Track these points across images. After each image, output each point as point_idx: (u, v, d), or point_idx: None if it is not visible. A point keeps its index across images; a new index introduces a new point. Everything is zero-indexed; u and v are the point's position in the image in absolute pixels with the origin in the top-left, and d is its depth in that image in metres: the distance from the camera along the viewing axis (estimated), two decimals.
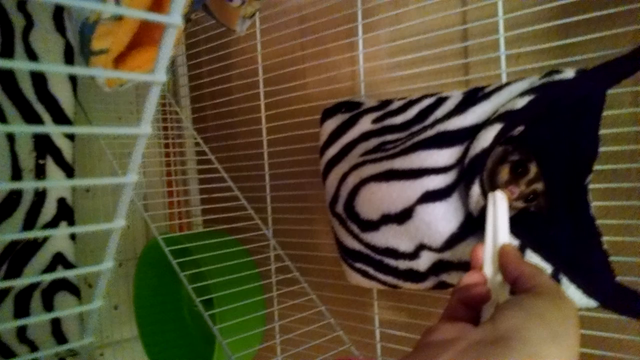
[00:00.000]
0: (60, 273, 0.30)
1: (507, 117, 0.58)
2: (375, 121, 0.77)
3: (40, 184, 0.23)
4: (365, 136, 0.78)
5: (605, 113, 0.58)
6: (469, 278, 0.46)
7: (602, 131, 0.59)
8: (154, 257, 1.06)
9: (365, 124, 0.78)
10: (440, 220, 0.63)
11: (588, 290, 0.57)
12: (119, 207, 0.27)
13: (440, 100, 0.71)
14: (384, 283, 0.76)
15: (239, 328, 0.88)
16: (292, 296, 0.99)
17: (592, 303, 0.58)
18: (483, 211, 0.58)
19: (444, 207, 0.63)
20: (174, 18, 0.24)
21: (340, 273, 0.82)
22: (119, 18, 0.46)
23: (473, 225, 0.61)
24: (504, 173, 0.59)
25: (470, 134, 0.62)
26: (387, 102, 0.79)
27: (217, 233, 1.09)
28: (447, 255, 0.65)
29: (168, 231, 1.26)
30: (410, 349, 0.87)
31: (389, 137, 0.75)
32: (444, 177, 0.63)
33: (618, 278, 0.58)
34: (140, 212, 0.95)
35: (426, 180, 0.64)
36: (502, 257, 0.46)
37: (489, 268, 0.47)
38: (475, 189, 0.59)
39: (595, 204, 0.61)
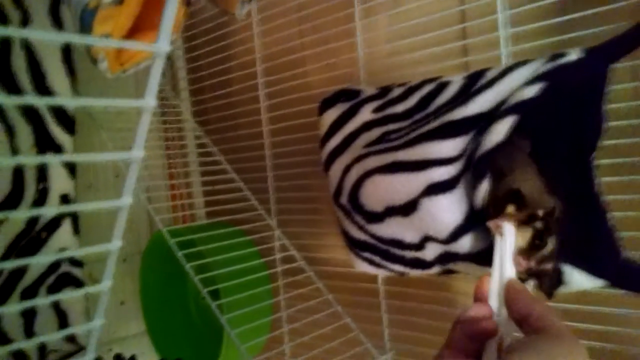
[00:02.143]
0: (69, 253, 0.29)
1: (520, 108, 0.57)
2: (376, 110, 0.77)
3: (43, 159, 0.23)
4: (367, 126, 0.77)
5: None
6: (475, 311, 0.45)
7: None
8: (159, 250, 1.06)
9: (366, 114, 0.77)
10: (445, 212, 0.63)
11: (594, 271, 0.57)
12: (126, 184, 0.27)
13: (441, 86, 0.70)
14: (391, 270, 0.76)
15: (246, 318, 0.88)
16: (298, 285, 0.99)
17: (599, 283, 0.57)
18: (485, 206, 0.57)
19: (448, 199, 0.62)
20: None
21: (345, 261, 0.82)
22: (119, 2, 0.46)
23: (477, 217, 0.60)
24: (527, 234, 0.54)
25: (474, 123, 0.62)
26: (387, 90, 0.78)
27: (220, 224, 1.09)
28: (452, 246, 0.64)
29: (171, 224, 1.26)
30: (418, 335, 0.88)
31: (391, 127, 0.74)
32: (449, 169, 0.63)
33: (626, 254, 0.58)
34: (144, 205, 0.95)
35: (431, 171, 0.64)
36: (510, 294, 0.45)
37: (494, 301, 0.46)
38: (484, 185, 0.58)
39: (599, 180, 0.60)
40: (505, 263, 0.49)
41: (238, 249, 0.97)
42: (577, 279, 0.57)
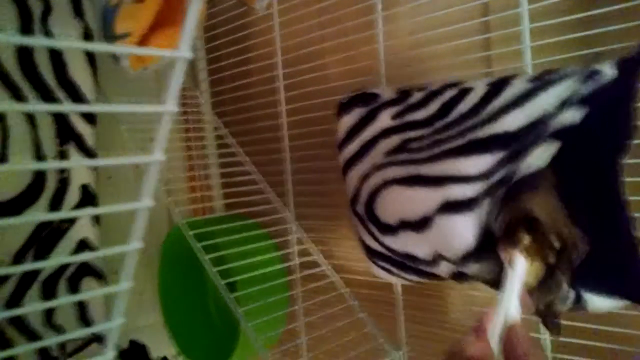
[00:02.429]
0: (88, 255, 0.29)
1: (562, 134, 0.55)
2: (395, 117, 0.74)
3: (66, 165, 0.23)
4: (386, 133, 0.74)
5: None
6: (475, 348, 0.43)
7: None
8: (178, 242, 1.07)
9: (384, 120, 0.75)
10: (457, 236, 0.61)
11: (618, 293, 0.55)
12: (145, 186, 0.27)
13: (463, 92, 0.67)
14: (409, 280, 0.76)
15: (262, 311, 0.88)
16: (314, 279, 0.99)
17: (620, 303, 0.56)
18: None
19: (463, 220, 0.60)
20: None
21: (361, 257, 0.81)
22: (141, 0, 0.46)
23: (490, 246, 0.58)
24: (538, 271, 0.52)
25: (501, 143, 0.59)
26: (406, 94, 0.75)
27: (238, 217, 1.09)
28: (464, 268, 0.63)
29: (190, 215, 1.27)
30: (433, 331, 0.87)
31: (411, 134, 0.71)
32: (469, 187, 0.60)
33: None
34: (163, 197, 0.95)
35: (449, 188, 0.61)
36: (510, 339, 0.44)
37: (495, 338, 0.45)
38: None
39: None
40: (512, 301, 0.48)
41: (255, 241, 0.98)
42: (597, 303, 0.55)
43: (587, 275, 0.54)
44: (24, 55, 0.84)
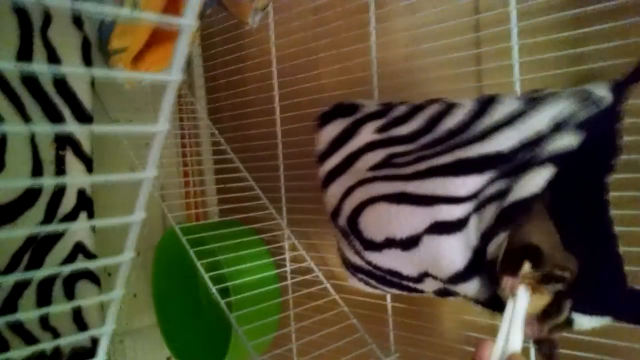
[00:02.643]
0: (82, 264, 0.31)
1: (559, 159, 0.55)
2: (379, 130, 0.73)
3: (60, 180, 0.24)
4: (370, 147, 0.73)
5: None
6: None
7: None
8: (172, 246, 1.08)
9: (368, 134, 0.74)
10: (446, 256, 0.60)
11: (600, 311, 0.55)
12: (138, 200, 0.29)
13: (449, 108, 0.66)
14: (388, 292, 0.75)
15: (254, 316, 0.89)
16: (307, 285, 1.00)
17: (605, 320, 0.56)
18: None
19: (452, 241, 0.60)
20: (188, 20, 0.25)
21: None
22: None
23: (479, 266, 0.59)
24: (543, 300, 0.51)
25: (492, 163, 0.59)
26: (390, 107, 0.74)
27: (232, 222, 1.11)
28: (452, 287, 0.63)
29: (184, 221, 1.28)
30: (424, 338, 0.89)
31: (396, 149, 0.70)
32: (458, 208, 0.60)
33: (631, 268, 0.57)
34: (158, 202, 0.97)
35: (438, 208, 0.61)
36: None
37: None
38: (503, 236, 0.56)
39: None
40: (514, 331, 0.47)
41: (248, 247, 0.99)
42: (584, 322, 0.56)
43: (575, 295, 0.54)
44: (23, 60, 0.85)
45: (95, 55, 0.92)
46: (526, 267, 0.51)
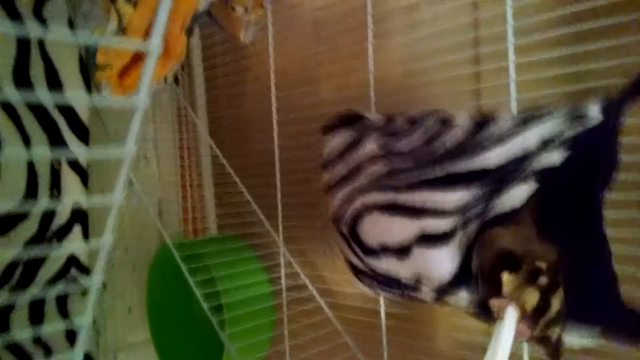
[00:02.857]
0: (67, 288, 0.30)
1: (541, 175, 0.55)
2: (379, 143, 0.75)
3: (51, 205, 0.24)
4: (372, 159, 0.75)
5: None
6: None
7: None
8: (167, 261, 1.08)
9: (370, 147, 0.75)
10: (433, 268, 0.61)
11: (591, 320, 0.55)
12: (117, 182, 0.28)
13: (447, 125, 0.68)
14: (393, 298, 0.76)
15: (248, 334, 0.88)
16: (302, 302, 0.99)
17: (594, 340, 0.56)
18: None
19: (439, 253, 0.61)
20: (153, 45, 0.24)
21: (348, 281, 0.82)
22: (122, 32, 0.47)
23: (466, 278, 0.59)
24: (532, 297, 0.51)
25: (478, 178, 0.60)
26: (391, 120, 0.76)
27: (229, 238, 1.10)
28: (443, 297, 0.63)
29: (182, 236, 1.28)
30: (417, 357, 0.87)
31: (396, 163, 0.72)
32: (444, 222, 0.61)
33: (626, 288, 0.56)
34: (153, 218, 0.96)
35: (425, 221, 0.62)
36: None
37: None
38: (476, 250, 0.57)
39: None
40: (499, 350, 0.47)
41: (244, 264, 0.98)
42: (572, 341, 0.55)
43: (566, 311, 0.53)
44: (21, 74, 0.85)
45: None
46: (505, 277, 0.51)
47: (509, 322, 0.49)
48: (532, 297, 0.50)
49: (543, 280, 0.50)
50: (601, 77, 0.68)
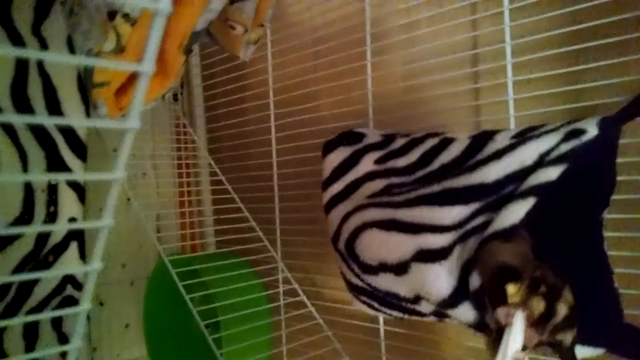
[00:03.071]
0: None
1: (540, 191, 0.55)
2: (378, 161, 0.76)
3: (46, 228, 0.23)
4: (370, 176, 0.76)
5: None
6: None
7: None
8: (164, 276, 1.07)
9: (368, 164, 0.77)
10: (432, 284, 0.61)
11: (594, 340, 0.55)
12: (107, 204, 0.27)
13: (445, 143, 0.69)
14: (389, 315, 0.76)
15: (245, 352, 0.87)
16: (300, 319, 0.98)
17: (598, 351, 0.55)
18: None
19: (437, 269, 0.61)
20: (146, 66, 0.24)
21: (347, 298, 0.81)
22: (120, 51, 0.47)
23: (466, 292, 0.59)
24: (538, 304, 0.51)
25: (476, 194, 0.60)
26: (390, 139, 0.77)
27: (226, 254, 1.09)
28: (442, 310, 0.63)
29: (180, 251, 1.27)
30: None
31: (394, 180, 0.73)
32: (442, 237, 0.61)
33: (629, 311, 0.56)
34: (150, 235, 0.96)
35: (423, 237, 0.62)
36: None
37: None
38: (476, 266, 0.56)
39: (607, 235, 0.58)
40: (510, 357, 0.47)
41: (241, 280, 0.97)
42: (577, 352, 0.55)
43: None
44: (18, 90, 0.85)
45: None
46: (511, 287, 0.51)
47: (518, 328, 0.49)
48: (538, 304, 0.50)
49: (544, 288, 0.50)
50: (599, 94, 0.69)
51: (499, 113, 0.77)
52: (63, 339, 0.91)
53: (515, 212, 0.56)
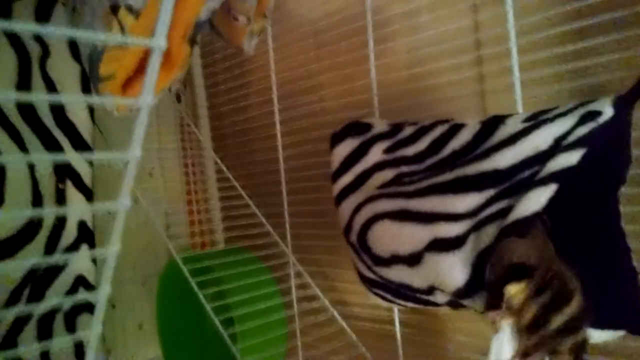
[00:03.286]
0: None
1: (560, 176, 0.54)
2: (387, 151, 0.75)
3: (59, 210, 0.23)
4: (380, 166, 0.75)
5: None
6: None
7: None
8: (176, 274, 1.06)
9: (377, 154, 0.76)
10: (447, 273, 0.60)
11: (614, 323, 0.54)
12: (123, 186, 0.27)
13: (455, 129, 0.68)
14: (404, 306, 0.75)
15: (260, 347, 0.87)
16: (313, 313, 0.98)
17: (618, 333, 0.55)
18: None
19: (452, 259, 0.60)
20: (158, 41, 0.24)
21: (361, 290, 0.81)
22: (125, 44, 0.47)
23: (481, 282, 0.58)
24: (529, 312, 0.49)
25: (491, 181, 0.59)
26: (398, 128, 0.76)
27: (237, 250, 1.09)
28: (458, 300, 0.62)
29: (190, 248, 1.27)
30: None
31: (404, 169, 0.72)
32: (457, 226, 0.60)
33: None
34: (160, 232, 0.95)
35: (437, 226, 0.61)
36: None
37: None
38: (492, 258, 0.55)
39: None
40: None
41: (253, 276, 0.97)
42: (595, 336, 0.54)
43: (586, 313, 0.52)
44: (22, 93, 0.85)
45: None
46: (508, 289, 0.50)
47: (504, 336, 0.48)
48: (529, 312, 0.49)
49: (547, 295, 0.49)
50: (606, 72, 0.68)
51: (506, 97, 0.76)
52: (77, 341, 0.91)
53: (536, 199, 0.54)
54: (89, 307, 0.92)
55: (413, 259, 0.64)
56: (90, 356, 0.30)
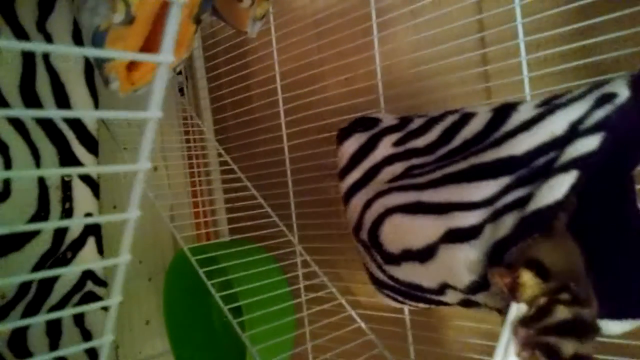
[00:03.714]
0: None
1: (583, 163, 0.52)
2: (396, 144, 0.73)
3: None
4: (389, 160, 0.73)
5: None
6: None
7: None
8: (182, 268, 1.07)
9: (386, 147, 0.74)
10: (462, 265, 0.58)
11: (634, 312, 0.53)
12: (132, 196, 0.27)
13: (465, 118, 0.66)
14: (415, 306, 0.74)
15: (269, 335, 0.87)
16: (321, 301, 0.98)
17: (638, 322, 0.53)
18: None
19: (466, 251, 0.58)
20: (164, 57, 0.24)
21: (367, 278, 0.81)
22: (130, 22, 0.47)
23: None
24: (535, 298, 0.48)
25: (507, 168, 0.57)
26: (407, 120, 0.74)
27: (243, 241, 1.09)
28: (472, 297, 0.61)
29: (195, 241, 1.27)
30: (443, 352, 0.86)
31: (415, 161, 0.71)
32: (473, 215, 0.58)
33: None
34: (167, 224, 0.95)
35: (453, 216, 0.60)
36: None
37: None
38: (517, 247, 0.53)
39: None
40: (511, 344, 0.46)
41: (260, 265, 0.97)
42: (612, 327, 0.53)
43: (604, 302, 0.50)
44: (26, 86, 0.85)
45: (98, 78, 0.92)
46: (525, 276, 0.48)
47: (510, 317, 0.48)
48: (536, 305, 0.47)
49: (566, 296, 0.47)
50: (615, 67, 0.67)
51: (512, 78, 0.76)
52: (86, 335, 0.91)
53: (558, 188, 0.52)
54: (97, 300, 0.92)
55: (426, 253, 0.62)
56: None
